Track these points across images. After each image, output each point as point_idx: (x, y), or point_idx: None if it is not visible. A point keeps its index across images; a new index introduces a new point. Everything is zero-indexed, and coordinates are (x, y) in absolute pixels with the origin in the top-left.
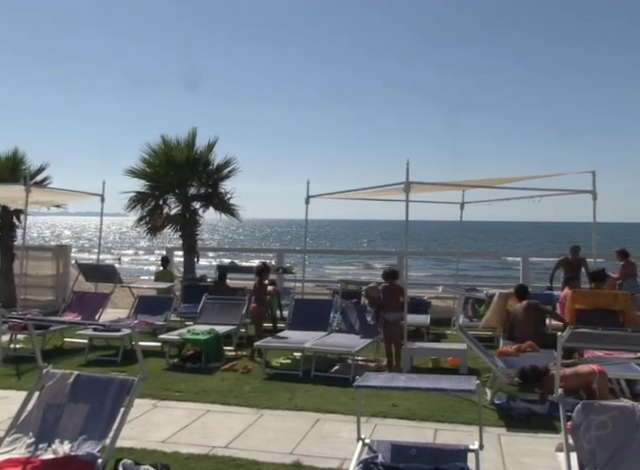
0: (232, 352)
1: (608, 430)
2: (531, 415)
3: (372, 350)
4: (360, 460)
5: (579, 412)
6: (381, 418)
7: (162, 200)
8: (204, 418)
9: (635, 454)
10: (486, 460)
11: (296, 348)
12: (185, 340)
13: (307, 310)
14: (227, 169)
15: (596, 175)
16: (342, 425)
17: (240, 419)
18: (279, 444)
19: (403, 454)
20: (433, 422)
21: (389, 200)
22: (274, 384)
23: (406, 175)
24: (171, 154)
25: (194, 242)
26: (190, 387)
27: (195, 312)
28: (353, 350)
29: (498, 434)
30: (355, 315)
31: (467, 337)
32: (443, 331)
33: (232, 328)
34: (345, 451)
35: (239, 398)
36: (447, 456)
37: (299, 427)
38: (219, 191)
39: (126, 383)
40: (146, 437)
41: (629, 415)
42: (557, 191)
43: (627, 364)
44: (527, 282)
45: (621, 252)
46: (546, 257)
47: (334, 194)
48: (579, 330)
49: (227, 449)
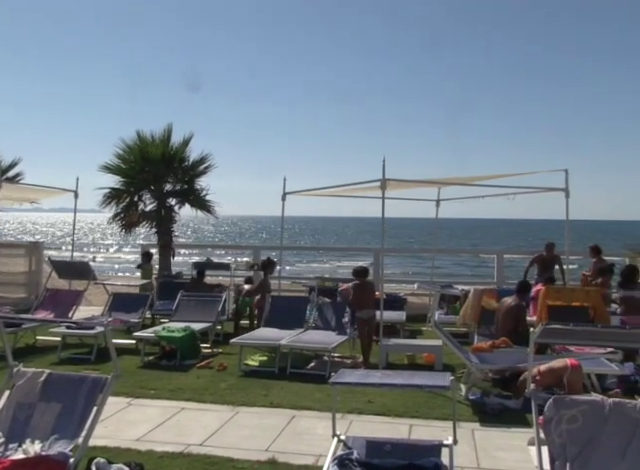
0: (208, 349)
1: (578, 424)
2: (504, 410)
3: (348, 347)
4: (335, 456)
5: (550, 407)
6: (357, 414)
7: (137, 196)
8: (179, 416)
9: (604, 447)
10: (460, 455)
11: (272, 345)
12: (160, 338)
13: (283, 307)
14: (203, 165)
15: (569, 173)
16: (318, 422)
17: (215, 416)
18: (255, 441)
19: (378, 450)
20: (408, 418)
21: (366, 197)
22: (250, 381)
23: (382, 172)
24: (146, 150)
25: (170, 239)
26: (165, 385)
27: (171, 309)
28: (329, 347)
29: (472, 429)
30: (331, 312)
31: (442, 333)
32: (419, 327)
33: (208, 325)
34: (320, 448)
35: (215, 395)
36: (421, 451)
37: (275, 424)
38: (195, 187)
39: (99, 381)
40: (120, 435)
41: (598, 409)
42: (531, 189)
43: (598, 359)
44: (501, 279)
45: (594, 249)
46: (520, 254)
47: (311, 191)
48: (551, 326)
49: (202, 447)
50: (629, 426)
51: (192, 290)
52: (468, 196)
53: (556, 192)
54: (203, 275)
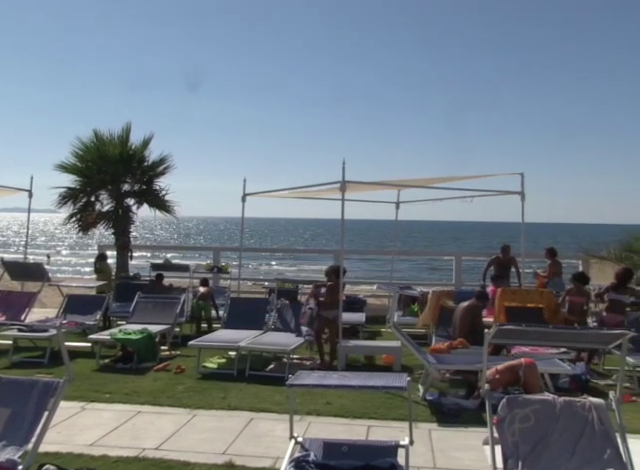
0: (166, 352)
1: (531, 423)
2: (461, 410)
3: (308, 348)
4: (292, 459)
5: (504, 406)
6: (315, 416)
7: (94, 196)
8: (135, 419)
9: (555, 444)
10: (417, 455)
11: (231, 347)
12: (116, 340)
13: (243, 309)
14: (162, 166)
15: (524, 177)
16: (276, 424)
17: (172, 420)
18: (212, 444)
19: (335, 451)
20: (366, 419)
21: (326, 199)
22: (208, 384)
23: (342, 174)
24: (104, 149)
25: (127, 239)
26: (121, 388)
27: (128, 311)
28: (288, 348)
29: (429, 429)
30: (291, 314)
31: (401, 335)
32: (378, 329)
33: (166, 327)
34: (278, 450)
35: (172, 398)
36: (378, 452)
37: (232, 427)
38: (154, 188)
39: (50, 385)
40: (73, 441)
41: (550, 408)
42: (488, 192)
43: (551, 359)
44: (459, 280)
45: (550, 251)
46: (478, 256)
47: (271, 192)
48: (504, 327)
49: (158, 451)
50: (578, 424)
51: (151, 293)
52: (427, 199)
53: (513, 195)
54: (162, 278)
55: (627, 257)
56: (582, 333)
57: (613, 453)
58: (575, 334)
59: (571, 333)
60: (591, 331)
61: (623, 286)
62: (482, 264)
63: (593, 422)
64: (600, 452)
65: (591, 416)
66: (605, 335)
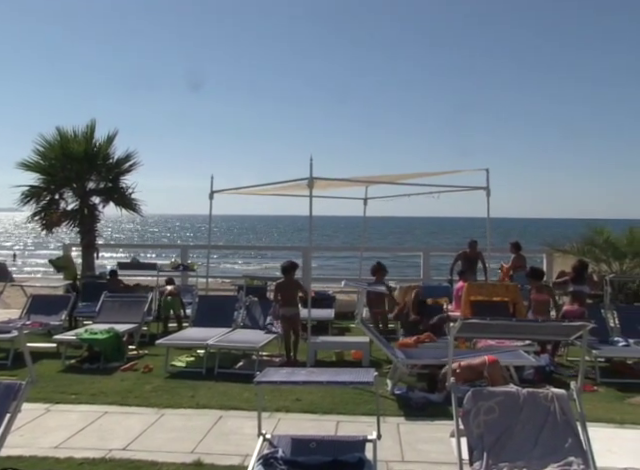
0: (134, 351)
1: (495, 414)
2: (428, 404)
3: (277, 345)
4: (260, 456)
5: (469, 399)
6: (284, 413)
7: (58, 195)
8: (101, 420)
9: (518, 435)
10: (385, 449)
11: (199, 345)
12: (82, 340)
13: (211, 307)
14: (128, 163)
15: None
16: (245, 421)
17: (140, 420)
18: (180, 443)
19: (303, 447)
20: (335, 415)
21: (295, 195)
22: (176, 383)
23: (310, 171)
24: (67, 147)
25: (93, 238)
26: (87, 389)
27: (94, 311)
28: (257, 346)
29: (397, 423)
30: (260, 311)
31: (368, 330)
32: (347, 325)
33: (133, 326)
34: (247, 447)
35: (139, 398)
36: (346, 447)
37: (201, 425)
38: (120, 185)
39: (12, 387)
40: (37, 443)
41: (514, 399)
42: (454, 188)
43: (516, 351)
44: (427, 276)
45: (515, 245)
46: (445, 252)
47: (238, 189)
48: (469, 320)
49: (125, 451)
50: (541, 414)
51: (110, 290)
52: (395, 195)
53: (479, 191)
54: (116, 274)
55: (589, 250)
56: (544, 325)
57: (574, 442)
58: (537, 326)
59: (533, 326)
60: (552, 323)
61: (581, 278)
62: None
63: (555, 412)
64: (562, 441)
65: (553, 406)
66: (566, 327)
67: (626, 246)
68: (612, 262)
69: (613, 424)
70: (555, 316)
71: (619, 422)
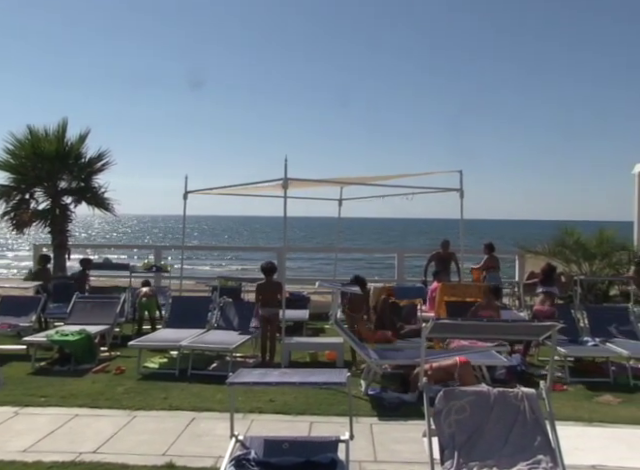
0: (105, 353)
1: (466, 414)
2: (402, 404)
3: (251, 346)
4: (232, 457)
5: (441, 399)
6: (258, 414)
7: (29, 194)
8: (71, 423)
9: (489, 434)
10: (358, 449)
11: (172, 346)
12: (52, 342)
13: (185, 308)
14: (101, 162)
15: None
16: (218, 423)
17: (111, 422)
18: (152, 446)
19: (276, 449)
20: (309, 415)
21: (270, 196)
22: (149, 384)
23: (284, 171)
24: (38, 145)
25: (65, 238)
26: (57, 391)
27: (65, 312)
28: (231, 347)
29: (370, 423)
30: (234, 312)
31: (342, 331)
32: (322, 325)
33: (105, 328)
34: (220, 449)
35: (111, 400)
36: (318, 448)
37: (173, 427)
38: (92, 185)
39: None
40: (4, 447)
41: (484, 398)
42: (427, 189)
43: (488, 352)
44: (402, 277)
45: (488, 246)
46: (419, 253)
47: (213, 190)
48: (440, 321)
49: (95, 454)
50: (511, 413)
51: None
52: (369, 196)
53: (452, 192)
54: (84, 272)
55: (560, 252)
56: (514, 326)
57: (543, 440)
58: (507, 327)
59: (504, 326)
60: (523, 323)
61: (549, 279)
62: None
63: (525, 411)
64: (531, 440)
65: (523, 405)
66: (536, 327)
67: (595, 247)
68: (582, 263)
69: (581, 422)
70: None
71: (587, 420)
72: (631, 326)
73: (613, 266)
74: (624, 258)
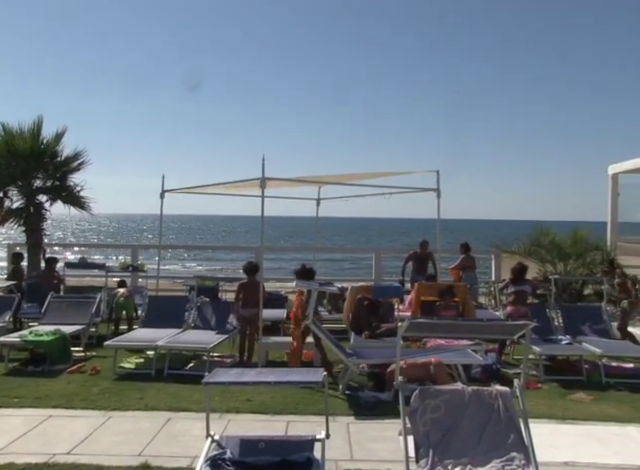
0: (81, 353)
1: (441, 412)
2: (378, 403)
3: (229, 346)
4: (208, 457)
5: (416, 397)
6: (235, 413)
7: (3, 192)
8: (45, 424)
9: (463, 432)
10: (334, 448)
11: (149, 346)
12: (26, 342)
13: (162, 307)
14: (77, 161)
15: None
16: (194, 423)
17: (86, 423)
18: (127, 446)
19: (252, 448)
20: (286, 415)
21: (247, 195)
22: (125, 385)
23: (262, 171)
24: (13, 143)
25: (40, 237)
26: (31, 392)
27: (39, 312)
28: (208, 346)
29: (347, 423)
30: (211, 311)
31: (320, 330)
32: None
33: (81, 328)
34: (196, 449)
35: (86, 401)
36: (295, 447)
37: (149, 428)
38: (68, 184)
39: None
40: None
41: (459, 397)
42: (405, 189)
43: (464, 350)
44: (379, 276)
45: (464, 245)
46: (397, 252)
47: (190, 189)
48: (416, 320)
49: (69, 455)
50: (486, 412)
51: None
52: (347, 195)
53: (430, 192)
54: (49, 269)
55: (535, 251)
56: (488, 325)
57: (516, 438)
58: (482, 326)
59: (479, 325)
60: (497, 323)
61: (521, 279)
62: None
63: (499, 409)
64: (505, 437)
65: (497, 404)
66: (510, 326)
67: (570, 247)
68: (557, 263)
69: (555, 420)
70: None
71: (561, 418)
72: (604, 325)
73: (587, 266)
74: (597, 258)
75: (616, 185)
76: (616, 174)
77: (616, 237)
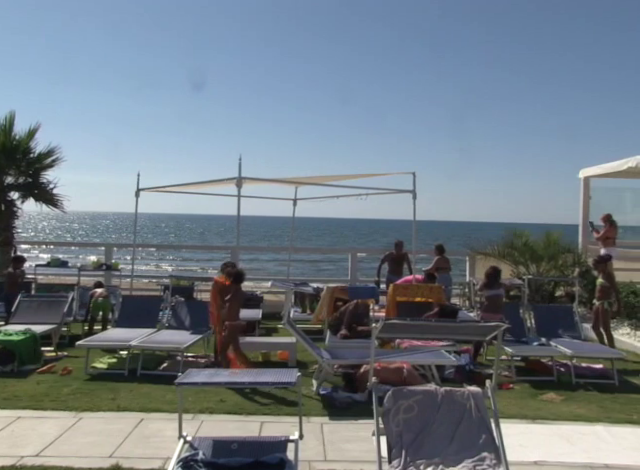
0: (52, 353)
1: (414, 413)
2: (353, 403)
3: (203, 346)
4: (180, 458)
5: (389, 398)
6: (208, 414)
7: None
8: (13, 426)
9: (436, 432)
10: (308, 449)
11: (122, 346)
12: None
13: (136, 307)
14: (50, 158)
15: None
16: (167, 424)
17: (56, 424)
18: (98, 448)
19: (224, 449)
20: (260, 415)
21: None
22: (97, 385)
23: (238, 170)
24: None
25: (10, 235)
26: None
27: (10, 311)
28: (182, 346)
29: (321, 423)
30: (186, 311)
31: (295, 330)
32: (275, 325)
33: (52, 327)
34: (168, 450)
35: (56, 402)
36: (268, 448)
37: (121, 428)
38: (40, 181)
39: None
40: None
41: (432, 397)
42: (381, 190)
43: (438, 351)
44: (354, 276)
45: (439, 247)
46: (373, 252)
47: (166, 187)
48: (390, 321)
49: (38, 457)
50: (458, 412)
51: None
52: (324, 196)
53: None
54: (15, 269)
55: (508, 254)
56: (462, 326)
57: (488, 438)
58: (455, 327)
59: (451, 326)
60: (470, 324)
61: (495, 283)
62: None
63: (471, 410)
64: (476, 437)
65: (469, 404)
66: (483, 327)
67: (543, 249)
68: (530, 265)
69: (526, 420)
70: None
71: (532, 418)
72: (575, 326)
73: (559, 268)
74: (569, 260)
75: (587, 188)
76: (587, 178)
77: (587, 240)
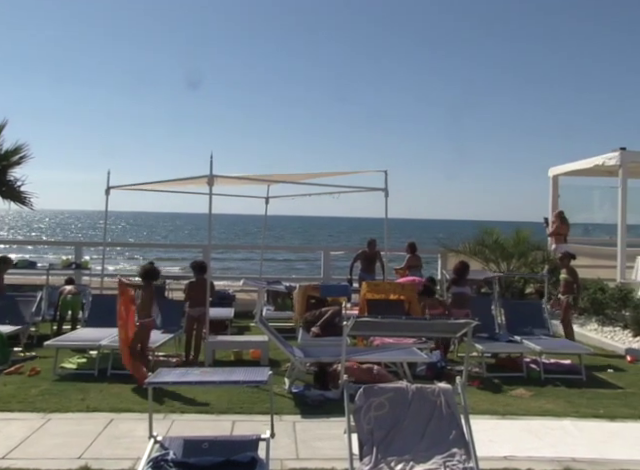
0: (20, 354)
1: (385, 410)
2: (325, 401)
3: (174, 345)
4: (150, 459)
5: (361, 395)
6: (179, 414)
7: None
8: None
9: (406, 429)
10: (280, 447)
11: (92, 346)
12: None
13: (106, 306)
14: (18, 156)
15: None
16: (137, 424)
17: (23, 426)
18: (67, 449)
19: (195, 448)
20: (231, 414)
21: (195, 193)
22: (65, 385)
23: (210, 168)
24: None
25: None
26: None
27: None
28: (153, 345)
29: (294, 421)
30: (157, 310)
31: (267, 329)
32: (247, 324)
33: (20, 328)
34: (139, 451)
35: (23, 403)
36: (239, 447)
37: (91, 429)
38: (7, 178)
39: None
40: None
41: (403, 395)
42: (353, 188)
43: (410, 349)
44: (327, 274)
45: (411, 245)
46: (345, 251)
47: (136, 185)
48: (361, 319)
49: (4, 460)
50: (428, 409)
51: None
52: (296, 194)
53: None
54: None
55: (480, 251)
56: (431, 323)
57: (458, 434)
58: (425, 324)
59: (421, 323)
60: (440, 321)
61: (462, 279)
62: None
63: (441, 406)
64: (446, 433)
65: (439, 401)
66: (452, 325)
67: (513, 247)
68: (500, 262)
69: (496, 415)
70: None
71: (501, 413)
72: (544, 322)
73: (529, 265)
74: (539, 257)
75: (556, 187)
76: (556, 176)
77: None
